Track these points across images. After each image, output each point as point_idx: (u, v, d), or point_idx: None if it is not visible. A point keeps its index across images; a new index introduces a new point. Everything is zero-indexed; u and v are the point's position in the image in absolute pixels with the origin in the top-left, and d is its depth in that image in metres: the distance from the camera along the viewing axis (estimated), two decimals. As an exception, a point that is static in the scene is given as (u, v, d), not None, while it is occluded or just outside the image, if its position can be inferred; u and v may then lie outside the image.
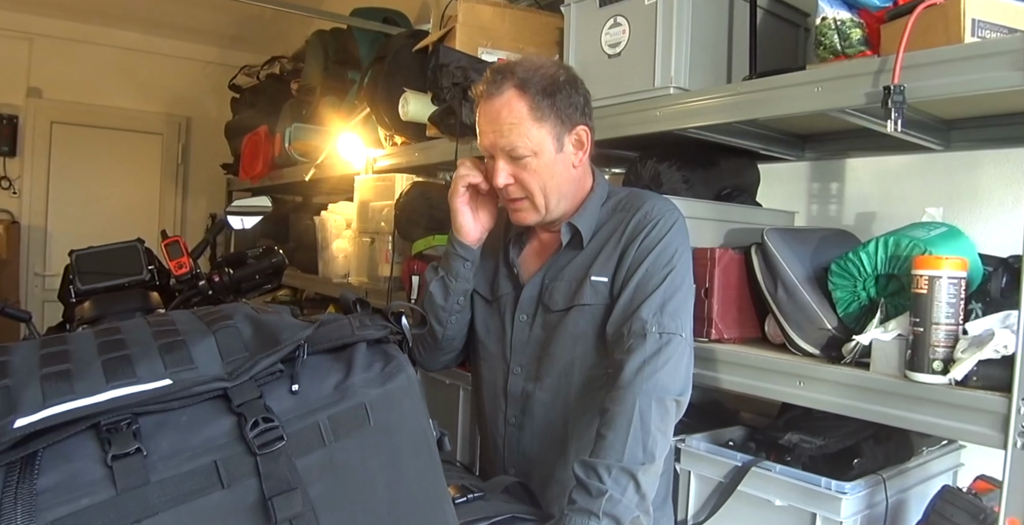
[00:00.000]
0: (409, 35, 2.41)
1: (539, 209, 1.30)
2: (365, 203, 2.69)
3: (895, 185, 1.74)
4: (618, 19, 1.65)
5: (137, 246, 1.99)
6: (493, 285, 1.42)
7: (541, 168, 1.26)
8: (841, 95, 1.26)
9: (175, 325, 0.72)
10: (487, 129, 1.26)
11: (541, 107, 1.24)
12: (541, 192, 1.28)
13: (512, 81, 1.24)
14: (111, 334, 0.70)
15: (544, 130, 1.25)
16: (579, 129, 1.30)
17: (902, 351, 1.19)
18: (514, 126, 1.23)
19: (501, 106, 1.24)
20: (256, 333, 0.71)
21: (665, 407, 1.12)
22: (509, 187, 1.28)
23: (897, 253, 1.25)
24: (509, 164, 1.26)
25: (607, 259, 1.29)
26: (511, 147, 1.24)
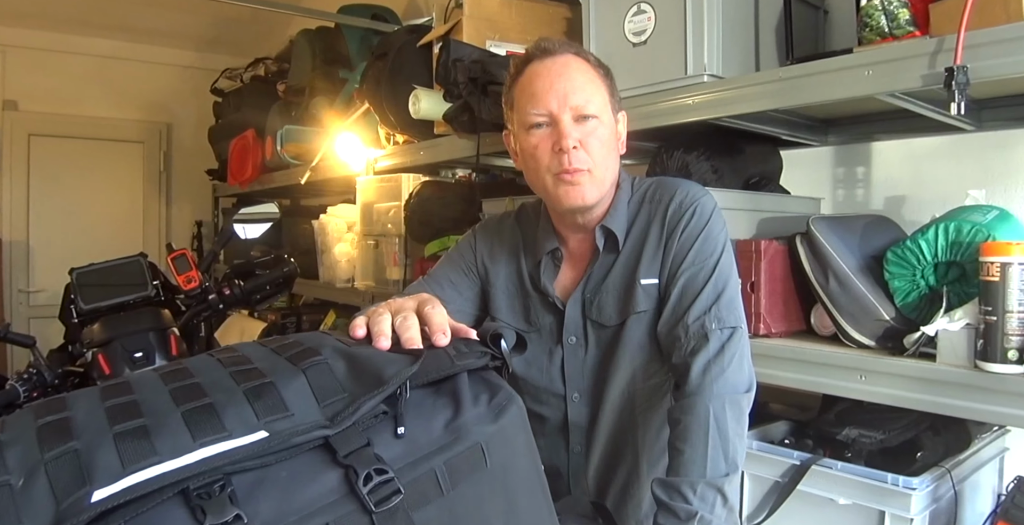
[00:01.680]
0: (409, 31, 2.34)
1: (598, 183, 1.15)
2: (369, 205, 2.61)
3: (925, 167, 1.70)
4: (642, 6, 1.59)
5: (140, 261, 1.91)
6: (528, 315, 1.29)
7: (604, 136, 1.15)
8: (894, 78, 1.21)
9: (253, 363, 0.64)
10: (548, 85, 1.13)
11: (601, 74, 1.17)
12: (603, 164, 1.15)
13: (568, 48, 1.16)
14: (182, 377, 0.62)
15: (606, 97, 1.17)
16: (622, 114, 1.23)
17: (971, 341, 1.16)
18: (588, 81, 1.14)
19: (568, 61, 1.15)
20: (352, 369, 0.63)
21: (739, 407, 1.06)
22: (576, 152, 1.12)
23: (959, 239, 1.21)
24: (576, 127, 1.12)
25: (652, 258, 1.19)
26: (584, 101, 1.12)
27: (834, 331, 1.40)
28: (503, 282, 1.31)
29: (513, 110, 1.20)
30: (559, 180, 1.15)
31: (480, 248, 1.34)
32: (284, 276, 2.00)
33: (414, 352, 0.66)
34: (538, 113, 1.14)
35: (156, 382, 0.63)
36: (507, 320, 1.31)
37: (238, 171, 3.76)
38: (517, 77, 1.19)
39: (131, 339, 1.62)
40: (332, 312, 3.34)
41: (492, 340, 0.71)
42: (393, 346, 0.70)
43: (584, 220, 1.23)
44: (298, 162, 3.30)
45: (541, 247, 1.27)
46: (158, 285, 1.88)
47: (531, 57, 1.18)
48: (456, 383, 0.66)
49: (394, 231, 2.44)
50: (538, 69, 1.16)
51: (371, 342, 0.71)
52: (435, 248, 2.15)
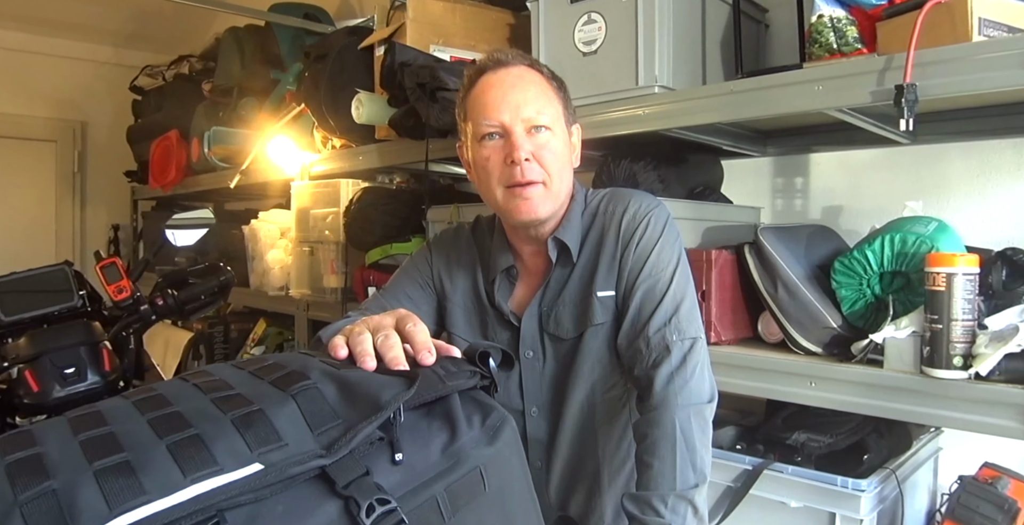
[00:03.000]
0: (349, 32, 2.28)
1: (553, 196, 1.15)
2: (304, 210, 2.54)
3: (861, 179, 1.77)
4: (592, 16, 1.60)
5: (65, 269, 1.79)
6: (485, 331, 1.28)
7: (557, 148, 1.14)
8: (844, 94, 1.25)
9: (235, 389, 0.60)
10: (500, 98, 1.12)
11: (554, 86, 1.17)
12: (558, 176, 1.14)
13: (521, 59, 1.16)
14: (159, 405, 0.57)
15: (560, 109, 1.16)
16: (576, 127, 1.22)
17: (917, 348, 1.20)
18: (540, 93, 1.13)
19: (520, 72, 1.14)
20: (344, 394, 0.59)
21: (704, 418, 1.07)
22: (529, 164, 1.11)
23: (904, 250, 1.25)
24: (528, 139, 1.12)
25: (608, 270, 1.18)
26: (536, 112, 1.11)
27: (781, 338, 1.44)
28: (460, 297, 1.29)
29: (466, 121, 1.19)
30: (511, 194, 1.14)
31: (436, 262, 1.32)
32: (220, 285, 1.91)
33: (407, 374, 0.63)
34: (490, 124, 1.12)
35: (131, 411, 0.58)
36: (464, 335, 1.29)
37: (160, 173, 3.59)
38: (470, 88, 1.18)
39: (61, 354, 1.51)
40: (262, 321, 3.23)
41: (480, 358, 0.68)
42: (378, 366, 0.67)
43: (537, 233, 1.22)
44: (227, 165, 3.18)
45: (496, 264, 1.25)
46: (84, 295, 1.77)
47: (484, 68, 1.16)
48: (448, 404, 0.64)
49: (332, 238, 2.38)
50: (491, 80, 1.14)
51: (354, 363, 0.68)
52: (377, 256, 2.10)
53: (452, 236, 1.35)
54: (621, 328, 1.16)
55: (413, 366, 0.67)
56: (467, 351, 0.69)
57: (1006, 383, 1.10)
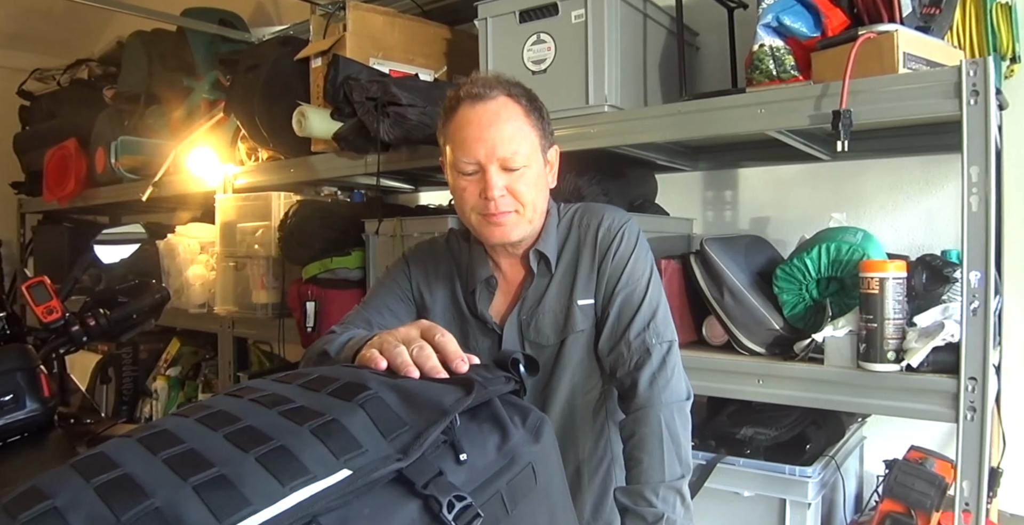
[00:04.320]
0: (282, 42, 2.24)
1: (526, 222, 1.20)
2: (230, 224, 2.46)
3: (786, 192, 1.93)
4: (542, 36, 1.66)
5: (-20, 290, 1.68)
6: (467, 340, 1.30)
7: (533, 180, 1.18)
8: (784, 117, 1.37)
9: (297, 401, 0.61)
10: (477, 135, 1.14)
11: (532, 115, 1.18)
12: (532, 205, 1.19)
13: (502, 88, 1.17)
14: (230, 421, 0.58)
15: (535, 139, 1.19)
16: (554, 148, 1.27)
17: (854, 345, 1.33)
18: (517, 131, 1.15)
19: (499, 109, 1.15)
20: (405, 401, 0.62)
21: (685, 414, 1.15)
22: (502, 199, 1.16)
23: (839, 258, 1.39)
24: (501, 175, 1.15)
25: (587, 280, 1.24)
26: (511, 153, 1.14)
27: (725, 340, 1.55)
28: (440, 309, 1.31)
29: (445, 145, 1.23)
30: (485, 220, 1.19)
31: (415, 274, 1.34)
32: (155, 303, 1.83)
33: (460, 381, 0.67)
34: (467, 162, 1.16)
35: (200, 428, 0.58)
36: None
37: (56, 185, 3.36)
38: (450, 115, 1.20)
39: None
40: (176, 340, 3.09)
41: (512, 365, 0.73)
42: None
43: (514, 248, 1.27)
44: (135, 176, 3.02)
45: (475, 275, 1.29)
46: (4, 318, 1.66)
47: (464, 98, 1.18)
48: (492, 408, 0.68)
49: (262, 252, 2.32)
50: (469, 116, 1.16)
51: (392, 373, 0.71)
52: (315, 270, 2.07)
53: (428, 249, 1.38)
54: (601, 334, 1.22)
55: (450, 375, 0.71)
56: (498, 358, 0.74)
57: (934, 373, 1.25)
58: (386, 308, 1.29)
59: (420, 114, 1.64)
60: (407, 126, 1.65)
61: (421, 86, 1.73)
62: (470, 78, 1.20)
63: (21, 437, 1.45)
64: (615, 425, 1.26)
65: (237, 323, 2.58)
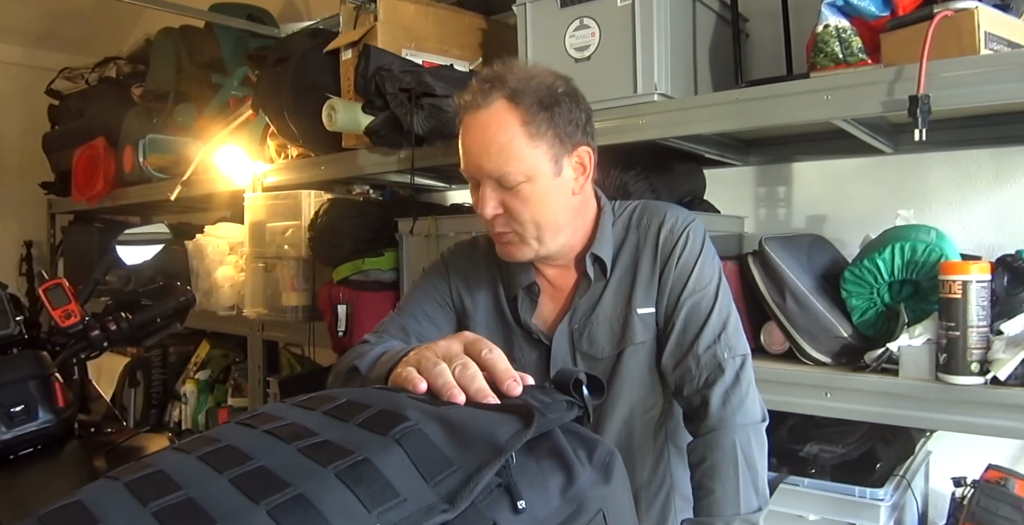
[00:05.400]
0: (311, 35, 2.16)
1: (530, 243, 1.09)
2: (259, 224, 2.39)
3: (844, 188, 1.79)
4: (585, 21, 1.56)
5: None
6: (512, 351, 1.19)
7: (535, 196, 1.06)
8: (853, 104, 1.25)
9: (320, 433, 0.51)
10: (471, 148, 1.06)
11: (536, 122, 1.04)
12: (533, 224, 1.07)
13: (502, 91, 1.04)
14: (238, 461, 0.48)
15: (540, 150, 1.05)
16: (581, 150, 1.11)
17: (932, 355, 1.21)
18: (504, 146, 1.02)
19: (488, 120, 1.03)
20: (451, 435, 0.51)
21: (761, 437, 1.05)
22: (497, 219, 1.08)
23: (914, 259, 1.26)
24: (497, 191, 1.06)
25: (647, 286, 1.13)
26: (500, 173, 1.04)
27: (786, 349, 1.43)
28: (482, 316, 1.22)
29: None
30: (493, 239, 1.12)
31: (454, 278, 1.24)
32: (179, 306, 1.76)
33: (516, 409, 0.56)
34: (466, 175, 1.09)
35: (202, 469, 0.48)
36: None
37: (85, 185, 3.33)
38: (460, 120, 1.10)
39: (7, 390, 1.35)
40: (205, 343, 3.04)
41: (575, 387, 0.62)
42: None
43: (552, 259, 1.17)
44: (164, 176, 2.98)
45: (516, 281, 1.19)
46: (21, 322, 1.60)
47: (466, 102, 1.07)
48: (553, 440, 0.57)
49: (292, 253, 2.25)
50: (468, 123, 1.07)
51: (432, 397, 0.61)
52: (347, 272, 1.99)
53: (468, 249, 1.28)
54: (665, 347, 1.11)
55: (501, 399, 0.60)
56: (558, 379, 0.63)
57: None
58: (423, 314, 1.20)
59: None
60: (442, 118, 1.55)
61: (457, 76, 1.64)
62: (484, 74, 1.09)
63: (34, 449, 1.39)
64: (676, 449, 1.15)
65: (267, 326, 2.51)
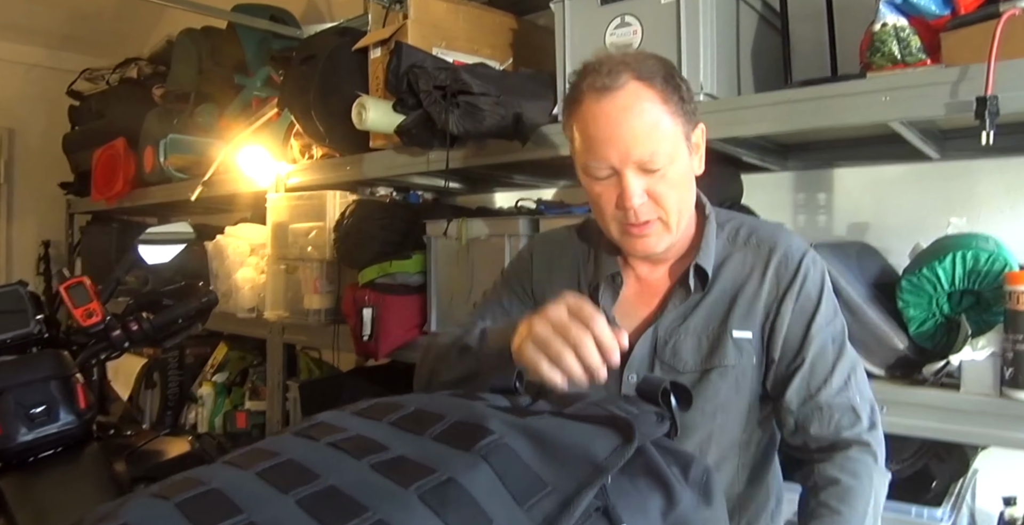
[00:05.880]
0: (339, 33, 2.13)
1: (671, 229, 1.03)
2: (281, 225, 2.35)
3: (888, 195, 1.73)
4: (626, 18, 1.51)
5: (19, 290, 1.58)
6: None
7: (678, 177, 1.00)
8: (913, 105, 1.20)
9: (391, 448, 0.46)
10: (610, 135, 0.96)
11: (672, 100, 0.98)
12: (676, 208, 1.01)
13: (629, 72, 0.96)
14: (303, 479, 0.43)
15: (679, 128, 0.99)
16: (699, 127, 1.06)
17: (997, 369, 1.15)
18: (652, 127, 0.96)
19: (628, 102, 0.95)
20: (541, 451, 0.46)
21: (887, 480, 1.01)
22: (643, 206, 0.99)
23: (977, 268, 1.20)
24: (641, 177, 0.98)
25: (747, 309, 1.06)
26: (650, 155, 0.96)
27: (835, 360, 1.37)
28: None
29: (572, 139, 1.05)
30: (626, 232, 1.03)
31: (537, 265, 1.19)
32: (201, 307, 1.72)
33: (613, 421, 0.50)
34: (599, 166, 0.99)
35: (261, 488, 0.43)
36: None
37: (105, 185, 3.31)
38: (574, 110, 1.02)
39: (27, 390, 1.31)
40: (223, 345, 3.00)
41: (664, 397, 0.56)
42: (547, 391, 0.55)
43: (651, 259, 1.11)
44: (185, 176, 2.95)
45: (601, 269, 1.12)
46: (42, 320, 1.56)
47: (585, 91, 0.99)
48: (647, 457, 0.52)
49: (316, 255, 2.20)
50: (595, 112, 0.98)
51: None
52: (373, 274, 1.94)
53: (555, 236, 1.23)
54: (772, 377, 1.06)
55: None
56: (644, 387, 0.58)
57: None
58: (499, 305, 1.17)
59: (493, 104, 1.50)
60: (479, 117, 1.50)
61: (493, 74, 1.59)
62: (592, 61, 1.01)
63: (54, 452, 1.35)
64: (749, 481, 1.09)
65: (287, 329, 2.47)
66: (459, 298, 1.82)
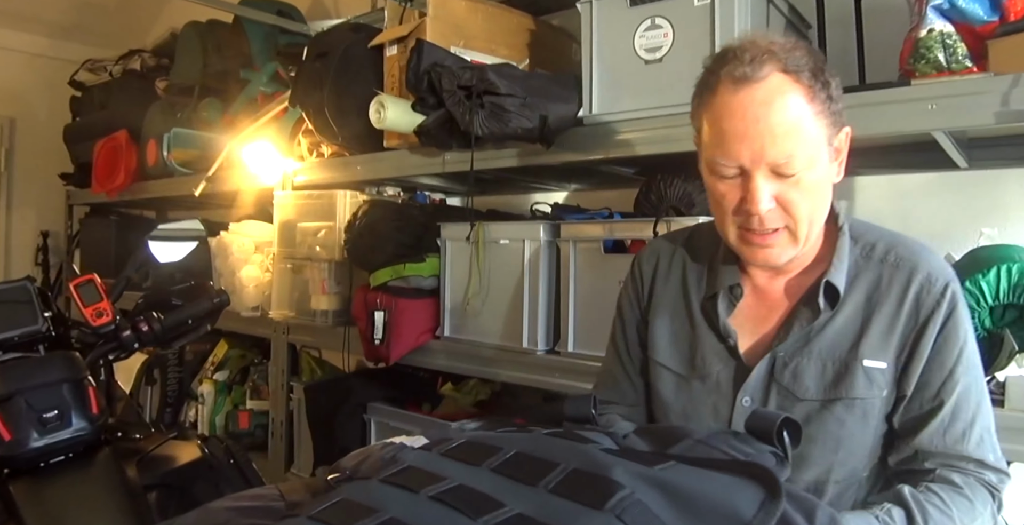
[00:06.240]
0: (353, 29, 2.08)
1: (798, 241, 0.94)
2: (289, 223, 2.31)
3: (911, 204, 1.70)
4: (657, 21, 1.48)
5: (28, 286, 1.53)
6: (692, 356, 1.06)
7: (814, 185, 0.91)
8: (961, 114, 1.17)
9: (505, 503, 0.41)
10: (745, 131, 0.88)
11: (818, 98, 0.89)
12: (807, 218, 0.93)
13: (774, 63, 0.88)
14: None
15: (822, 131, 0.91)
16: (844, 131, 0.96)
17: (1042, 387, 1.12)
18: (793, 127, 0.87)
19: (769, 96, 0.87)
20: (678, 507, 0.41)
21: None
22: (769, 214, 0.91)
23: (1022, 281, 1.17)
24: (773, 181, 0.90)
25: (883, 336, 0.96)
26: (786, 158, 0.88)
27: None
28: (668, 312, 1.09)
29: (698, 131, 0.99)
30: (746, 239, 0.96)
31: (645, 274, 1.13)
32: (214, 308, 1.68)
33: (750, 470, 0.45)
34: (726, 164, 0.91)
35: None
36: (665, 361, 1.08)
37: (105, 177, 3.25)
38: (706, 99, 0.94)
39: (39, 393, 1.26)
40: (224, 342, 2.95)
41: (778, 434, 0.52)
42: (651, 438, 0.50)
43: (774, 269, 1.03)
44: (187, 170, 2.90)
45: (720, 278, 1.05)
46: (50, 318, 1.51)
47: (722, 78, 0.91)
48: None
49: (324, 255, 2.16)
50: (730, 103, 0.89)
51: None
52: (385, 277, 1.90)
53: (666, 240, 1.17)
54: (922, 430, 0.95)
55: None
56: (756, 424, 0.53)
57: None
58: (620, 320, 1.16)
59: (520, 106, 1.46)
60: (505, 119, 1.47)
61: (519, 75, 1.55)
62: (734, 46, 0.92)
63: (66, 457, 1.30)
64: None
65: (292, 329, 2.43)
66: (474, 302, 1.78)
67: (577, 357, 1.59)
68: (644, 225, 1.49)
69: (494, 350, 1.74)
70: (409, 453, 0.49)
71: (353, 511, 0.41)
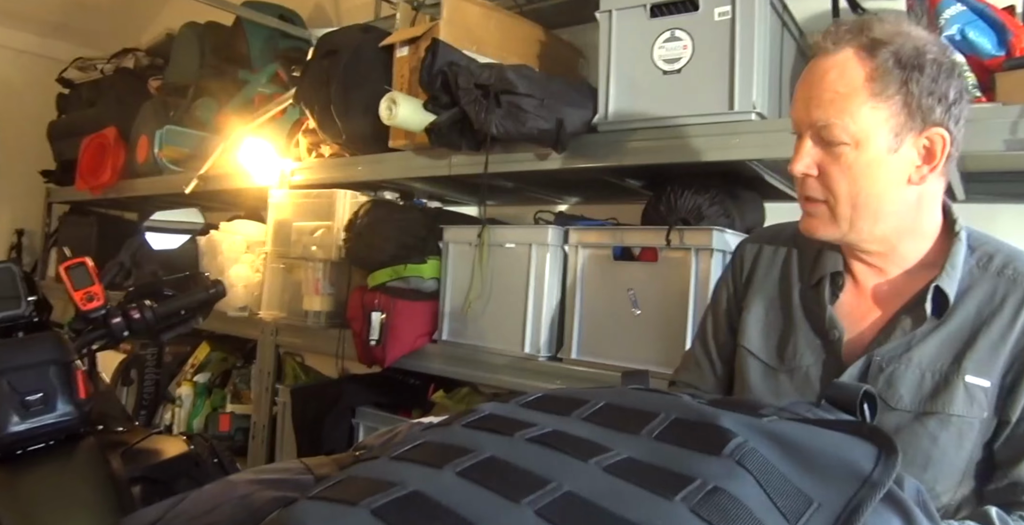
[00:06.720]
0: (363, 29, 2.08)
1: (838, 221, 0.93)
2: (284, 223, 2.27)
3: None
4: (676, 33, 1.49)
5: (12, 268, 1.46)
6: (783, 349, 1.03)
7: (859, 165, 0.90)
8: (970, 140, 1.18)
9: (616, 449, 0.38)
10: (803, 94, 0.93)
11: (887, 81, 0.87)
12: (849, 200, 0.91)
13: (858, 39, 0.89)
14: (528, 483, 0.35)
15: (880, 114, 0.88)
16: (935, 132, 0.90)
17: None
18: (839, 97, 0.89)
19: (831, 67, 0.90)
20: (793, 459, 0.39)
21: None
22: (808, 181, 0.93)
23: None
24: (816, 147, 0.92)
25: (990, 352, 0.90)
26: (824, 123, 0.89)
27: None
28: (764, 302, 1.08)
29: None
30: (801, 204, 0.98)
31: (747, 259, 1.12)
32: (208, 299, 1.63)
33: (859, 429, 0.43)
34: (793, 126, 0.96)
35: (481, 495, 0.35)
36: (755, 350, 1.06)
37: (91, 174, 3.19)
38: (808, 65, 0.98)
39: (23, 375, 1.21)
40: (205, 344, 2.88)
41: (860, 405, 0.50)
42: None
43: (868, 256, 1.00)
44: (177, 169, 2.86)
45: (822, 265, 1.02)
46: (34, 302, 1.46)
47: (815, 47, 0.95)
48: None
49: (320, 255, 2.12)
50: (810, 68, 0.94)
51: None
52: (384, 277, 1.87)
53: (773, 231, 1.15)
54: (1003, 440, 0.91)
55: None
56: (836, 395, 0.51)
57: None
58: (711, 309, 1.15)
59: (537, 106, 1.46)
60: (521, 119, 1.46)
61: (537, 76, 1.56)
62: (838, 22, 0.95)
63: (46, 445, 1.24)
64: None
65: (281, 331, 2.38)
66: (475, 306, 1.76)
67: (580, 364, 1.58)
68: (656, 233, 1.49)
69: (494, 355, 1.71)
70: (485, 404, 0.47)
71: (446, 452, 0.38)
